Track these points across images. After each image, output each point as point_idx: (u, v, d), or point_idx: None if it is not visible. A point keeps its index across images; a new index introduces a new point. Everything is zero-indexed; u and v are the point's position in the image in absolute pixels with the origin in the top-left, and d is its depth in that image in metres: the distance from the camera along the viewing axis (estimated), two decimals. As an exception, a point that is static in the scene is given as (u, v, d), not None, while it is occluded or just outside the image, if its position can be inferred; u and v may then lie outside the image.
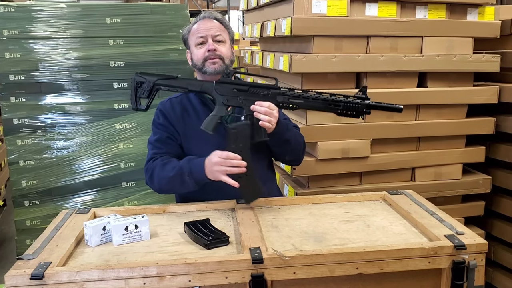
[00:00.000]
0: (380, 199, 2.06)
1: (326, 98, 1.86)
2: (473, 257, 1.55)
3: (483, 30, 2.79)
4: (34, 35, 3.18)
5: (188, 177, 1.88)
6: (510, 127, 2.84)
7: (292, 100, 1.87)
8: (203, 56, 2.00)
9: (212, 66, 2.00)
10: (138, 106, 1.93)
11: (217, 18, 2.08)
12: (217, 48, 2.00)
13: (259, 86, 1.89)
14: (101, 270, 1.41)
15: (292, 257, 1.47)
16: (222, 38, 2.03)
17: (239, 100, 1.88)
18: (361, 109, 1.86)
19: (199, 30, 2.02)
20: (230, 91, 1.88)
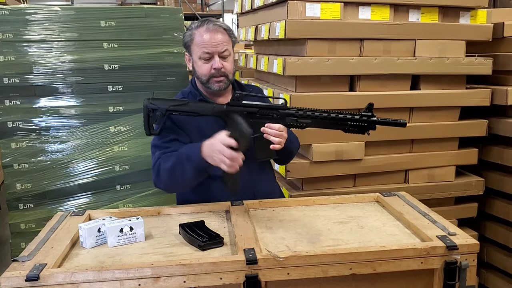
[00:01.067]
0: (374, 201, 2.07)
1: (334, 117, 1.89)
2: (465, 258, 1.56)
3: (475, 33, 2.82)
4: (28, 38, 3.17)
5: (186, 161, 1.86)
6: (502, 129, 2.87)
7: (300, 120, 1.89)
8: (209, 73, 1.99)
9: (217, 84, 2.01)
10: (151, 131, 1.95)
11: (223, 27, 2.03)
12: (223, 65, 1.99)
13: (268, 108, 1.90)
14: (96, 271, 1.41)
15: (286, 258, 1.48)
16: (227, 53, 2.01)
17: (249, 122, 1.88)
18: (367, 127, 1.90)
19: (204, 44, 1.98)
20: (241, 114, 1.89)
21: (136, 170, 3.31)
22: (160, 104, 1.91)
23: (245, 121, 1.85)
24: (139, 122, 3.29)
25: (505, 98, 2.78)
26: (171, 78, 3.39)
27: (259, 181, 2.11)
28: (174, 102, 1.93)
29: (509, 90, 2.76)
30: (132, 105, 3.32)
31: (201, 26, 2.01)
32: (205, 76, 2.01)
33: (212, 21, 2.03)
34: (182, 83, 3.37)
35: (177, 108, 1.91)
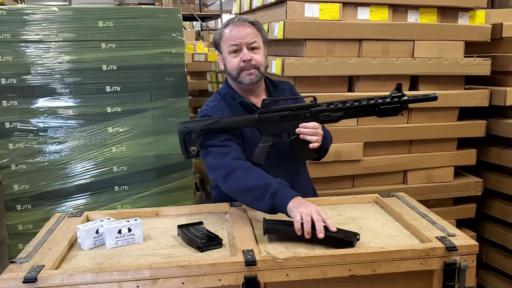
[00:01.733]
0: (373, 202, 2.07)
1: (366, 104, 1.90)
2: (464, 259, 1.56)
3: (474, 34, 2.82)
4: (26, 39, 3.16)
5: (269, 196, 1.72)
6: (501, 130, 2.87)
7: (333, 114, 1.90)
8: (238, 66, 1.98)
9: (248, 77, 1.99)
10: (190, 155, 1.93)
11: (250, 21, 2.02)
12: (252, 57, 1.97)
13: (300, 108, 1.91)
14: (94, 273, 1.41)
15: (285, 259, 1.47)
16: (256, 45, 1.99)
17: (283, 126, 1.90)
18: (399, 107, 1.90)
19: (232, 37, 1.97)
20: (273, 120, 1.90)
21: (135, 171, 3.30)
22: (193, 126, 1.91)
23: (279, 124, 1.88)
24: (137, 123, 3.30)
25: (503, 99, 2.78)
26: (170, 79, 3.38)
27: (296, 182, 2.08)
28: (206, 121, 1.92)
29: (507, 90, 2.76)
30: (130, 106, 3.31)
31: (229, 24, 2.02)
32: (235, 70, 1.99)
33: (240, 18, 2.03)
34: (180, 84, 3.37)
35: (211, 127, 1.91)
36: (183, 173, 3.40)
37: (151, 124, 3.31)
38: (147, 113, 3.31)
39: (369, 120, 2.71)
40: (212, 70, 4.41)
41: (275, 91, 2.13)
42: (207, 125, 1.90)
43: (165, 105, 3.34)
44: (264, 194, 1.72)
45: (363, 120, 2.71)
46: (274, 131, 1.91)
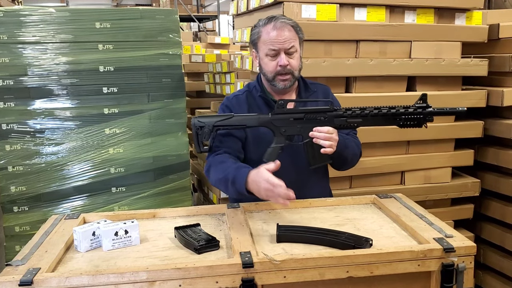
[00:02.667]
0: (370, 203, 2.07)
1: (386, 112, 1.85)
2: (462, 260, 1.55)
3: (471, 35, 2.82)
4: (23, 40, 3.16)
5: (230, 184, 1.86)
6: (498, 130, 2.87)
7: (350, 120, 1.87)
8: (275, 70, 1.99)
9: (282, 83, 2.00)
10: (202, 149, 1.95)
11: (290, 24, 2.01)
12: (289, 63, 1.98)
13: (315, 111, 1.89)
14: (90, 275, 1.40)
15: (283, 261, 1.47)
16: (294, 49, 1.99)
17: (297, 128, 1.89)
18: (423, 118, 1.85)
19: (271, 41, 1.97)
20: (287, 121, 1.89)
21: (132, 172, 3.30)
22: (207, 121, 1.92)
23: (293, 126, 1.87)
24: (134, 124, 3.30)
25: (500, 99, 2.78)
26: (167, 80, 3.38)
27: (309, 185, 2.08)
28: (220, 117, 1.93)
29: (504, 91, 2.77)
30: (128, 107, 3.31)
31: (268, 23, 2.00)
32: (271, 74, 2.00)
33: (279, 18, 2.01)
34: (177, 85, 3.37)
35: (224, 123, 1.91)
36: (180, 174, 3.39)
37: (149, 125, 3.31)
38: (144, 114, 3.31)
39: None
40: (210, 71, 4.40)
41: (305, 92, 2.13)
42: (220, 120, 1.91)
43: (163, 106, 3.33)
44: (227, 184, 1.87)
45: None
46: (288, 133, 1.90)
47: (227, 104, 2.11)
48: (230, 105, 2.10)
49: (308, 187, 2.09)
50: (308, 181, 2.08)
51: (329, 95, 2.20)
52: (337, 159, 2.00)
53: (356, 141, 2.14)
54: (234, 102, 2.10)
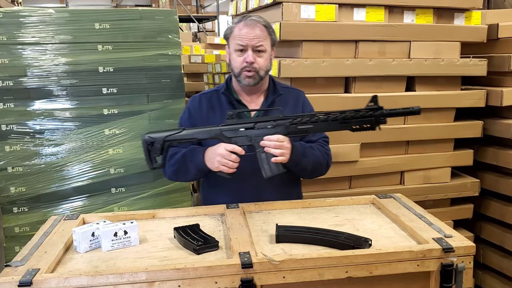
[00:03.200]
0: (369, 203, 2.07)
1: (336, 117, 1.82)
2: (461, 260, 1.55)
3: (470, 35, 2.82)
4: (22, 41, 3.16)
5: (190, 163, 1.96)
6: (497, 130, 2.87)
7: (300, 127, 1.85)
8: (241, 65, 2.00)
9: (247, 79, 2.01)
10: (154, 165, 1.93)
11: (262, 23, 2.01)
12: (255, 60, 1.99)
13: (264, 120, 1.88)
14: (90, 276, 1.40)
15: (282, 261, 1.47)
16: (263, 48, 2.00)
17: (247, 138, 1.88)
18: (375, 121, 1.81)
19: (240, 37, 1.99)
20: (237, 131, 1.88)
21: (131, 173, 3.30)
22: (157, 136, 1.91)
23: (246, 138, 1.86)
24: (134, 125, 3.30)
25: (500, 99, 2.78)
26: (166, 80, 3.38)
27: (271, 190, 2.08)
28: (170, 132, 1.92)
29: (504, 91, 2.77)
30: (127, 108, 3.31)
31: (241, 21, 2.02)
32: (237, 69, 2.02)
33: (253, 17, 2.03)
34: (177, 85, 3.37)
35: (174, 137, 1.91)
36: (180, 174, 3.39)
37: (148, 126, 3.31)
38: (144, 115, 3.31)
39: (366, 121, 2.71)
40: (209, 72, 4.40)
41: (273, 94, 2.13)
42: (170, 135, 1.90)
43: (162, 107, 3.34)
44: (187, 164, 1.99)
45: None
46: (240, 144, 1.88)
47: (189, 105, 2.15)
48: (190, 105, 2.14)
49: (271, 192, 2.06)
50: (271, 186, 2.05)
51: (301, 100, 2.19)
52: (294, 168, 1.99)
53: (322, 148, 2.11)
54: (196, 103, 2.13)
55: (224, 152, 1.85)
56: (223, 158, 1.86)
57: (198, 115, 2.10)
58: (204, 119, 2.07)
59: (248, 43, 1.98)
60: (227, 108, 2.07)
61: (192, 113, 2.11)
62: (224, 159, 1.86)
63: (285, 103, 2.12)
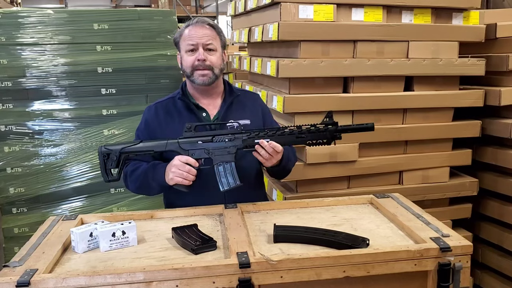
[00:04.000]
0: (367, 203, 2.07)
1: (292, 131, 1.88)
2: (459, 259, 1.56)
3: (468, 34, 2.82)
4: (21, 42, 3.17)
5: (152, 181, 1.97)
6: (496, 130, 2.87)
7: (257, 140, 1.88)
8: (192, 64, 2.01)
9: (201, 78, 2.01)
10: (109, 177, 1.93)
11: (210, 24, 2.06)
12: (207, 58, 2.00)
13: (222, 134, 1.90)
14: (88, 276, 1.40)
15: (279, 261, 1.47)
16: (213, 47, 2.02)
17: (205, 151, 1.89)
18: (329, 136, 1.88)
19: (190, 37, 2.01)
20: (195, 144, 1.89)
21: (130, 173, 3.30)
22: (113, 148, 1.91)
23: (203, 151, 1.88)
24: (133, 125, 3.30)
25: (498, 99, 2.78)
26: (165, 81, 3.39)
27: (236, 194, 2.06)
28: (127, 144, 1.93)
29: (502, 90, 2.77)
30: (126, 108, 3.32)
31: (190, 24, 2.06)
32: (189, 68, 2.02)
33: (199, 19, 2.07)
34: (175, 86, 3.38)
35: (131, 149, 1.92)
36: (179, 175, 3.39)
37: (147, 126, 3.31)
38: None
39: (364, 121, 2.68)
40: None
41: (229, 95, 2.14)
42: (126, 147, 1.91)
43: (161, 107, 3.33)
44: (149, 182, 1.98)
45: (358, 121, 2.71)
46: (197, 157, 1.89)
47: (145, 116, 2.14)
48: (147, 115, 2.13)
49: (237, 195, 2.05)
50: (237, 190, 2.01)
51: (258, 102, 2.23)
52: (277, 169, 2.03)
53: (293, 149, 2.20)
54: (152, 112, 2.12)
55: (178, 163, 1.86)
56: (177, 169, 1.86)
57: (156, 124, 2.09)
58: (163, 127, 2.07)
59: (198, 41, 2.00)
60: (185, 113, 2.08)
61: (150, 123, 2.10)
62: (178, 170, 1.86)
63: (243, 104, 2.15)
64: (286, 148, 2.00)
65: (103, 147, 1.91)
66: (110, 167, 1.91)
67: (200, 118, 2.06)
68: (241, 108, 2.11)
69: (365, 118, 2.72)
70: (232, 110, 2.10)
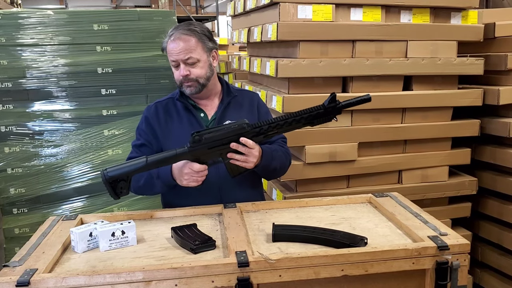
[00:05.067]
0: (366, 202, 2.08)
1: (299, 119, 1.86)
2: (456, 258, 1.56)
3: (466, 34, 2.83)
4: (21, 42, 3.18)
5: (156, 179, 1.97)
6: (494, 129, 2.87)
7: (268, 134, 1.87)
8: (178, 79, 2.03)
9: (189, 89, 2.03)
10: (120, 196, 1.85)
11: (186, 34, 1.99)
12: (190, 72, 1.99)
13: (231, 135, 1.85)
14: (87, 276, 1.41)
15: (278, 260, 1.48)
16: (193, 60, 1.98)
17: (216, 153, 1.87)
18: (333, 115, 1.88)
19: (170, 53, 2.00)
20: (205, 151, 1.85)
21: (130, 174, 3.31)
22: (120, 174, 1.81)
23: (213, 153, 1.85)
24: (133, 126, 3.30)
25: (497, 98, 2.79)
26: (165, 81, 3.39)
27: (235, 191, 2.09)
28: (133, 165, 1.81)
29: (500, 90, 2.78)
30: (126, 108, 3.33)
31: (170, 35, 2.01)
32: (178, 81, 2.04)
33: (179, 28, 2.01)
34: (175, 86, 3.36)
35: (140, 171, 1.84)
36: (179, 175, 3.40)
37: (147, 127, 3.32)
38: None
39: (363, 121, 2.73)
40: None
41: (227, 96, 2.14)
42: (135, 170, 1.82)
43: (161, 108, 3.34)
44: (153, 181, 1.98)
45: (357, 121, 2.72)
46: (209, 163, 1.88)
47: (146, 114, 2.14)
48: (147, 114, 2.13)
49: (234, 194, 2.07)
50: (234, 189, 2.06)
51: (255, 102, 2.21)
52: (263, 171, 2.01)
53: (284, 149, 2.15)
54: (152, 111, 2.12)
55: (190, 171, 1.86)
56: (191, 176, 1.87)
57: (156, 123, 2.09)
58: (162, 126, 2.08)
59: (177, 58, 1.98)
60: (183, 113, 2.09)
61: (150, 121, 2.10)
62: (192, 177, 1.87)
63: (241, 104, 2.15)
64: (269, 147, 2.01)
65: (107, 174, 1.79)
66: (120, 192, 1.82)
67: (198, 118, 2.07)
68: (238, 108, 2.12)
69: (364, 118, 2.73)
70: (229, 111, 2.10)
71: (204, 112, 2.11)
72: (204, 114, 2.10)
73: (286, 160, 2.14)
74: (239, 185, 2.08)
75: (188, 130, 1.98)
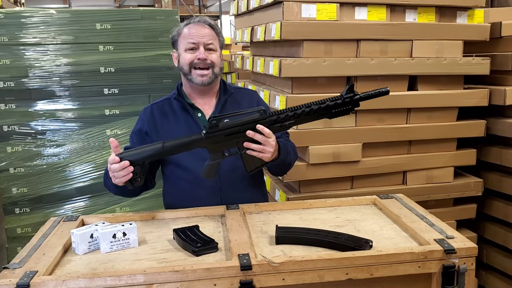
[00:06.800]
0: (371, 203, 2.05)
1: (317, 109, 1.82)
2: (463, 261, 1.54)
3: (472, 33, 2.80)
4: (24, 42, 3.16)
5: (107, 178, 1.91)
6: (500, 129, 2.84)
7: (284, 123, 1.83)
8: (192, 61, 1.99)
9: (200, 78, 1.99)
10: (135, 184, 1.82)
11: (210, 24, 2.06)
12: (208, 56, 1.99)
13: (249, 122, 1.81)
14: (88, 278, 1.39)
15: (281, 263, 1.45)
16: (213, 47, 2.02)
17: (233, 142, 1.83)
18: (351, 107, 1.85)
19: (191, 35, 2.00)
20: (221, 138, 1.81)
21: (133, 173, 3.30)
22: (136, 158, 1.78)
23: (230, 141, 1.81)
24: (135, 125, 3.30)
25: (503, 98, 2.76)
26: (167, 81, 3.38)
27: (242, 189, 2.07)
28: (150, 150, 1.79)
29: (507, 90, 2.74)
30: (129, 108, 3.31)
31: (189, 23, 2.05)
32: (187, 66, 2.00)
33: (201, 18, 2.06)
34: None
35: (157, 157, 1.82)
36: (182, 175, 3.39)
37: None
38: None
39: (367, 121, 2.70)
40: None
41: (224, 94, 2.11)
42: (151, 155, 1.79)
43: (163, 107, 3.33)
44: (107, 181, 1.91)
45: (361, 121, 2.70)
46: (224, 148, 1.84)
47: (141, 116, 2.12)
48: (143, 116, 2.11)
49: (234, 196, 2.04)
50: (235, 190, 2.04)
51: (255, 100, 2.18)
52: (278, 164, 1.97)
53: (291, 143, 2.14)
54: (148, 113, 2.10)
55: (110, 167, 1.77)
56: (113, 174, 1.78)
57: (151, 126, 2.06)
58: (158, 128, 2.06)
59: (200, 40, 1.99)
60: (180, 113, 2.06)
61: (144, 124, 2.07)
62: (114, 173, 1.77)
63: (238, 103, 2.12)
64: (281, 141, 1.97)
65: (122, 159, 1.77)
66: (134, 180, 1.80)
67: (195, 118, 2.05)
68: (236, 106, 2.07)
69: (369, 118, 2.70)
70: (227, 109, 2.07)
71: (201, 111, 2.08)
72: (202, 113, 2.08)
73: (295, 155, 2.13)
74: (242, 185, 2.06)
75: (185, 130, 1.97)
